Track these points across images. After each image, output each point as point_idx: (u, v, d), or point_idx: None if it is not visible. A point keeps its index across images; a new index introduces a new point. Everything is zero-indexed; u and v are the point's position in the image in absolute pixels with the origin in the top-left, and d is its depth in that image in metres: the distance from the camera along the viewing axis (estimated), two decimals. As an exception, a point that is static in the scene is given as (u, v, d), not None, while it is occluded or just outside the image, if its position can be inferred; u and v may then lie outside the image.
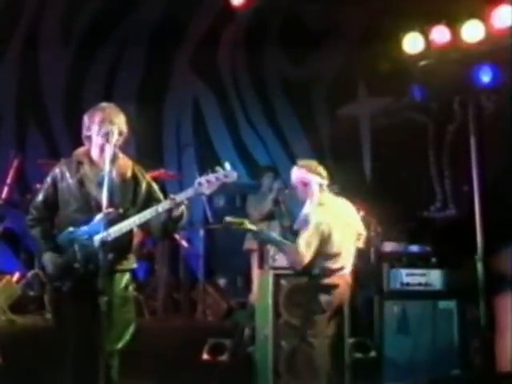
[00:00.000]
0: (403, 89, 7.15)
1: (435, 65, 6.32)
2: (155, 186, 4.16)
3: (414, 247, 6.18)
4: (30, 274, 6.72)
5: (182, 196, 3.87)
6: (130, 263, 4.07)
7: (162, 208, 3.87)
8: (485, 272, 5.85)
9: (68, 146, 7.19)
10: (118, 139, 3.98)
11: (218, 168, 3.86)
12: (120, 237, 3.83)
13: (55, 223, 4.03)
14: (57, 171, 4.06)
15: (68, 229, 3.91)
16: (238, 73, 9.18)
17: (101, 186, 3.81)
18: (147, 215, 3.87)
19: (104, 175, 3.79)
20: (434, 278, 5.92)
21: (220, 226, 5.03)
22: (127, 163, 4.09)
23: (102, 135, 3.93)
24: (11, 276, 6.74)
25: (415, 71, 6.53)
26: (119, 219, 3.85)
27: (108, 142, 3.89)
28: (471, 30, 6.09)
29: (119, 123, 3.99)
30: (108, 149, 3.87)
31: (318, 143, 8.84)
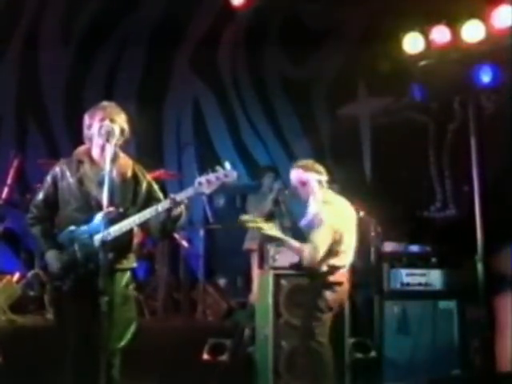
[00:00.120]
0: (403, 89, 7.14)
1: (435, 65, 6.32)
2: (155, 186, 4.16)
3: (414, 247, 6.19)
4: (30, 274, 6.71)
5: (182, 195, 3.87)
6: (130, 262, 4.07)
7: (162, 207, 3.86)
8: (485, 272, 5.85)
9: (68, 146, 7.18)
10: (119, 138, 3.98)
11: (218, 167, 3.85)
12: (120, 236, 3.83)
13: (55, 222, 4.03)
14: (57, 170, 4.06)
15: (68, 228, 3.92)
16: (238, 73, 9.18)
17: (101, 186, 3.81)
18: (147, 215, 3.87)
19: (104, 174, 3.78)
20: (434, 278, 5.93)
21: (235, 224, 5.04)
22: (127, 163, 4.09)
23: (103, 134, 3.92)
24: (11, 276, 6.71)
25: (415, 71, 6.52)
26: (119, 218, 3.85)
27: (109, 141, 3.88)
28: (471, 30, 6.08)
29: (120, 122, 4.00)
30: (109, 148, 3.87)
31: (318, 143, 8.84)
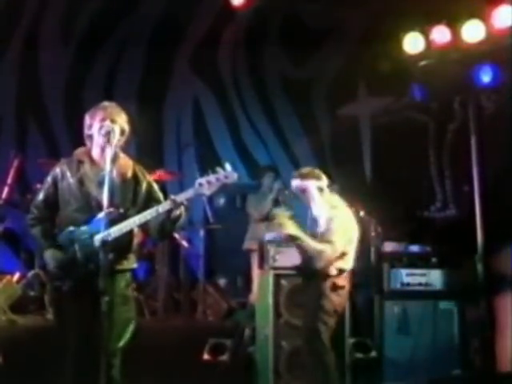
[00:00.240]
0: (403, 89, 7.14)
1: (435, 65, 6.33)
2: (155, 186, 4.16)
3: (415, 247, 6.19)
4: (31, 274, 6.71)
5: (182, 197, 3.86)
6: (131, 263, 4.06)
7: (163, 208, 3.86)
8: (485, 272, 5.85)
9: (68, 146, 7.19)
10: (120, 139, 3.98)
11: (219, 169, 3.85)
12: (120, 237, 3.83)
13: (56, 223, 4.03)
14: (57, 171, 4.06)
15: (68, 228, 3.91)
16: (238, 73, 9.17)
17: (101, 186, 3.81)
18: (147, 216, 3.86)
19: (104, 175, 3.78)
20: (435, 278, 5.93)
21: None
22: (128, 163, 4.09)
23: (104, 134, 3.92)
24: (11, 276, 6.72)
25: (415, 71, 6.53)
26: (120, 219, 3.84)
27: (109, 142, 3.88)
28: (471, 30, 6.09)
29: (121, 122, 3.99)
30: (109, 148, 3.87)
31: (319, 143, 8.84)
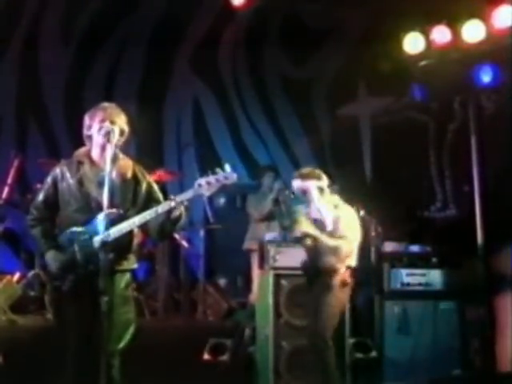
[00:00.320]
0: (404, 89, 7.15)
1: (436, 65, 6.33)
2: (155, 187, 4.16)
3: (415, 247, 6.19)
4: (31, 274, 6.71)
5: (182, 197, 3.87)
6: (131, 263, 4.06)
7: (162, 209, 3.86)
8: (485, 272, 5.85)
9: (68, 146, 7.20)
10: (119, 139, 3.99)
11: (218, 170, 3.85)
12: (120, 237, 3.83)
13: (56, 223, 4.03)
14: (57, 171, 4.06)
15: (68, 229, 3.91)
16: (238, 73, 9.17)
17: (101, 186, 3.81)
18: (147, 216, 3.87)
19: (104, 175, 3.78)
20: (435, 278, 5.93)
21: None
22: (127, 163, 4.09)
23: (103, 135, 3.92)
24: (12, 276, 6.72)
25: (416, 71, 6.53)
26: (120, 219, 3.85)
27: (109, 142, 3.88)
28: (472, 30, 6.09)
29: (120, 123, 4.00)
30: (109, 149, 3.87)
31: (319, 143, 8.84)
